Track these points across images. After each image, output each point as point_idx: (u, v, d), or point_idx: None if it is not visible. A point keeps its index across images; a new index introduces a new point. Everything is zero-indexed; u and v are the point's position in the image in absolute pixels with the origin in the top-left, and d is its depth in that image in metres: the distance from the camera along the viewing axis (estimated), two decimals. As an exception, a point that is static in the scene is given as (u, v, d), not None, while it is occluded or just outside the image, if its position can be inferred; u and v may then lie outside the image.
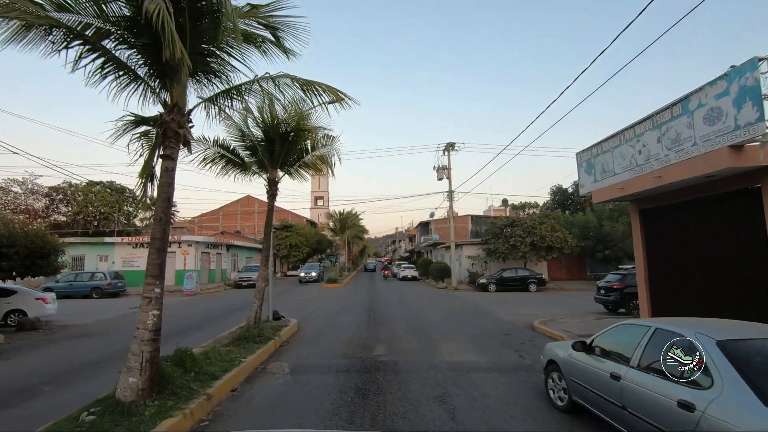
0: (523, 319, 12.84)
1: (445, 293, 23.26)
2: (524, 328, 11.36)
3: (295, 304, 17.70)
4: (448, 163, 27.22)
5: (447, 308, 15.94)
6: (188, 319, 14.15)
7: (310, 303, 18.04)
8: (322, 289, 26.08)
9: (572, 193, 45.40)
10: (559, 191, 57.91)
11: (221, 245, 33.30)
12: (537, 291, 23.54)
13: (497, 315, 13.99)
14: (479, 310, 15.21)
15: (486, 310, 15.37)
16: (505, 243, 25.29)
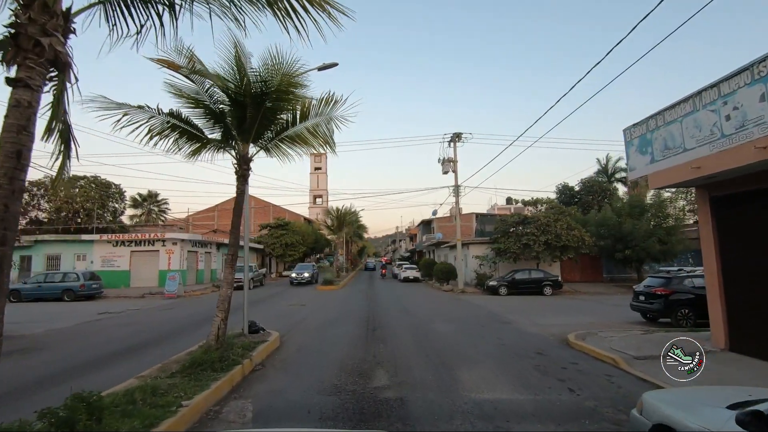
0: (552, 331, 10.74)
1: (451, 297, 21.14)
2: (558, 345, 9.25)
3: (283, 310, 15.58)
4: (455, 155, 25.13)
5: (457, 316, 13.83)
6: (152, 330, 12.03)
7: (300, 309, 15.91)
8: (317, 292, 23.95)
9: (579, 191, 43.32)
10: (565, 189, 55.97)
11: (211, 244, 31.18)
12: (552, 295, 21.43)
13: (519, 325, 11.87)
14: (496, 319, 13.09)
15: (503, 318, 13.25)
16: (517, 242, 23.18)
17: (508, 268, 25.57)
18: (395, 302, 18.29)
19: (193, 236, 28.10)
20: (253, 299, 19.75)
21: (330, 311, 15.14)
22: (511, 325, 12.04)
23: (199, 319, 13.69)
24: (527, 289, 21.61)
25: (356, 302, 18.22)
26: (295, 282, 28.79)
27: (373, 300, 19.30)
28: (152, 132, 6.83)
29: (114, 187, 37.85)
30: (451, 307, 16.76)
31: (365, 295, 22.08)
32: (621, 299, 19.34)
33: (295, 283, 28.68)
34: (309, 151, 8.11)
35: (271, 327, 10.98)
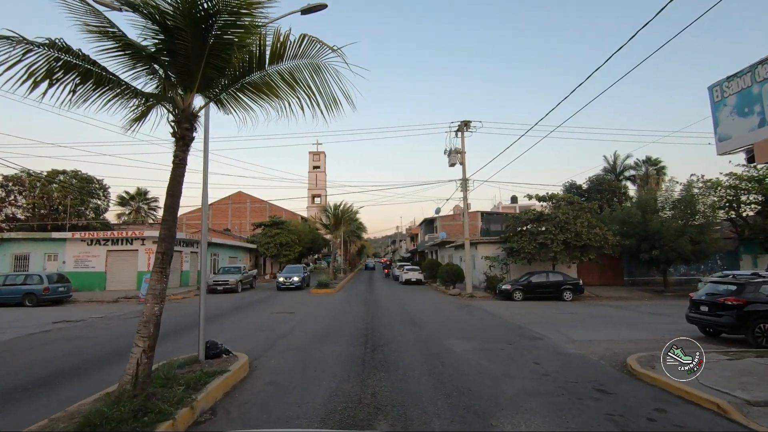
0: (598, 351, 8.46)
1: (460, 303, 18.83)
2: (618, 374, 6.96)
3: (266, 320, 13.24)
4: (462, 145, 22.82)
5: (474, 329, 11.52)
6: (99, 347, 9.71)
7: (286, 318, 13.59)
8: (309, 297, 21.64)
9: (587, 189, 41.13)
10: (572, 187, 53.73)
11: (197, 243, 28.83)
12: (573, 300, 19.14)
13: (553, 342, 9.56)
14: (521, 333, 10.79)
15: (530, 332, 10.94)
16: (532, 241, 20.88)
17: (520, 270, 23.30)
18: (398, 309, 15.98)
19: (178, 235, 25.76)
20: (235, 306, 17.48)
21: (321, 321, 12.82)
22: (542, 341, 9.74)
23: (164, 332, 11.34)
24: (545, 293, 19.32)
25: (353, 310, 15.90)
26: (283, 287, 25.29)
27: (373, 306, 16.99)
28: (33, 74, 4.49)
29: (96, 182, 35.56)
30: (462, 315, 14.44)
31: (364, 300, 19.76)
32: (653, 306, 17.07)
33: (282, 287, 25.27)
34: (282, 105, 5.71)
35: (243, 345, 8.69)
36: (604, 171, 46.26)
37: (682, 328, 10.87)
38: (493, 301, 19.21)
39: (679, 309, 15.98)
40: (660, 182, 44.42)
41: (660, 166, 46.35)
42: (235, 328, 11.69)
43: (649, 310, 15.85)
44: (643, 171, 47.05)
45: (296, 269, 27.32)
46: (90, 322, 13.79)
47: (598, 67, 11.07)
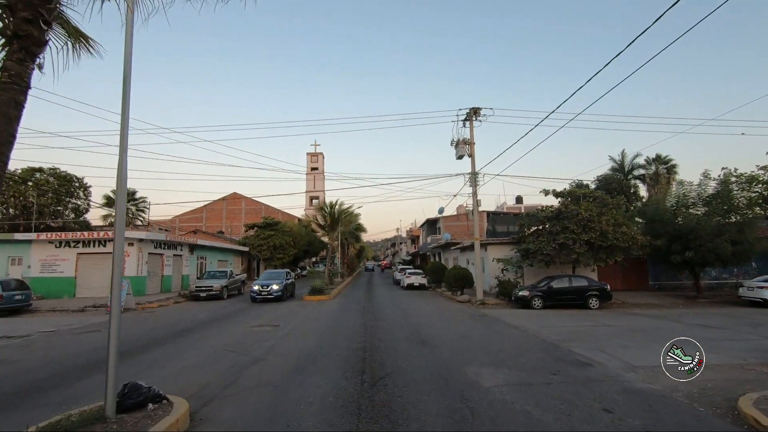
0: (677, 385, 6.15)
1: (473, 312, 16.49)
2: (735, 428, 4.66)
3: (241, 337, 10.87)
4: (471, 135, 20.56)
5: (501, 349, 9.18)
6: (17, 377, 7.36)
7: (265, 336, 11.23)
8: (301, 305, 19.29)
9: (594, 189, 39.14)
10: (579, 188, 51.65)
11: (181, 245, 26.51)
12: (600, 308, 16.83)
13: (609, 371, 7.24)
14: (562, 356, 8.46)
15: (572, 353, 8.61)
16: (551, 241, 18.58)
17: (535, 274, 21.02)
18: (401, 321, 13.64)
19: (155, 235, 23.41)
20: (211, 317, 15.02)
21: (309, 338, 10.47)
22: (594, 369, 7.41)
23: (97, 357, 8.99)
24: (568, 301, 17.02)
25: (349, 321, 13.55)
26: (258, 298, 19.77)
27: (372, 317, 14.64)
28: None
29: (77, 180, 33.25)
30: (479, 329, 12.10)
31: (362, 308, 17.40)
32: (696, 316, 14.75)
33: (258, 299, 19.78)
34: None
35: (195, 380, 6.40)
36: (611, 170, 44.24)
37: (760, 346, 8.58)
38: (509, 310, 16.88)
39: (730, 319, 13.70)
40: (671, 181, 42.37)
41: (671, 165, 44.32)
42: (197, 349, 9.36)
43: (695, 320, 13.54)
44: (653, 170, 44.99)
45: (276, 275, 21.98)
46: (34, 339, 11.46)
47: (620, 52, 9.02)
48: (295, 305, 18.71)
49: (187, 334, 11.36)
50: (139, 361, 8.20)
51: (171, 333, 11.68)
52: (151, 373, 7.22)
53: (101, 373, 7.08)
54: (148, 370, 7.53)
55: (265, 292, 19.93)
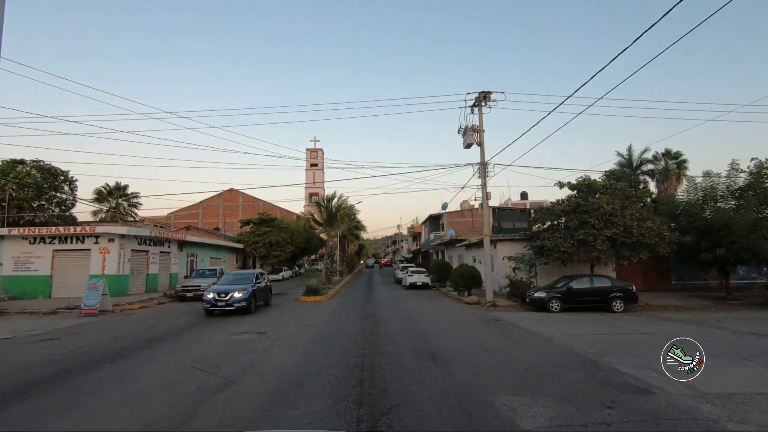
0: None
1: (484, 315, 14.85)
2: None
3: (216, 349, 9.20)
4: (480, 122, 18.87)
5: (529, 367, 7.53)
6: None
7: (246, 347, 9.57)
8: (293, 307, 17.67)
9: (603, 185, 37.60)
10: (586, 184, 49.99)
11: (169, 241, 24.88)
12: (625, 311, 15.21)
13: (678, 401, 5.58)
14: (608, 377, 6.80)
15: (618, 373, 6.96)
16: (568, 237, 16.93)
17: (548, 274, 19.40)
18: (406, 327, 12.00)
19: (137, 230, 21.75)
20: (191, 321, 12.96)
21: (297, 351, 8.82)
22: (656, 396, 5.77)
23: (54, 371, 7.37)
24: (589, 303, 15.40)
25: (346, 328, 11.90)
26: (214, 310, 14.34)
27: (372, 322, 13.01)
28: None
29: (62, 174, 31.57)
30: (497, 338, 10.46)
31: (361, 311, 15.76)
32: (738, 321, 13.09)
33: (213, 310, 14.38)
34: None
35: (142, 413, 4.83)
36: (619, 165, 42.63)
37: None
38: (524, 313, 15.24)
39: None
40: (681, 177, 40.81)
41: (681, 160, 42.68)
42: (160, 365, 7.72)
43: (740, 326, 11.90)
44: (662, 165, 43.38)
45: (242, 278, 16.41)
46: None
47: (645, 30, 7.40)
48: (287, 307, 17.08)
49: (156, 344, 9.72)
50: (82, 383, 6.56)
51: (138, 342, 10.05)
52: (88, 402, 5.60)
53: (21, 403, 5.47)
54: (87, 396, 5.90)
55: (222, 303, 14.31)
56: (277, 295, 22.23)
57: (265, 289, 17.43)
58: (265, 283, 17.50)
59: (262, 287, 16.75)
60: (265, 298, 17.17)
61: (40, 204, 30.35)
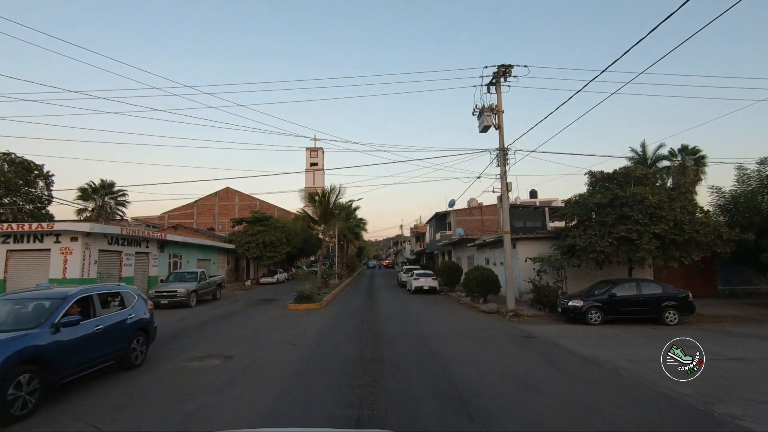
0: None
1: (511, 330, 12.17)
2: None
3: (148, 392, 6.55)
4: (499, 101, 16.27)
5: (612, 423, 4.89)
6: None
7: (192, 388, 6.86)
8: (279, 318, 15.04)
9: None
10: (599, 181, 47.50)
11: (147, 241, 22.28)
12: (679, 324, 12.54)
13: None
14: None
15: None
16: (605, 235, 14.28)
17: (577, 277, 16.79)
18: (419, 350, 9.34)
19: (107, 228, 19.12)
20: None
21: (265, 394, 6.13)
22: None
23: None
24: (636, 313, 12.73)
25: (339, 351, 9.23)
26: None
27: (374, 341, 10.35)
28: None
29: (37, 169, 29.07)
30: (543, 368, 7.77)
31: (359, 324, 13.09)
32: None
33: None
34: None
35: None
36: (632, 162, 40.06)
37: None
38: (557, 327, 12.57)
39: None
40: (699, 173, 38.30)
41: (699, 156, 40.07)
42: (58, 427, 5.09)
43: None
44: (679, 161, 40.74)
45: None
46: None
47: None
48: (272, 317, 14.45)
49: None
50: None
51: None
52: None
53: None
54: None
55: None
56: (265, 303, 19.64)
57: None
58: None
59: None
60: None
61: (12, 201, 27.90)
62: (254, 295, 23.52)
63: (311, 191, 22.60)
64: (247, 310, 16.90)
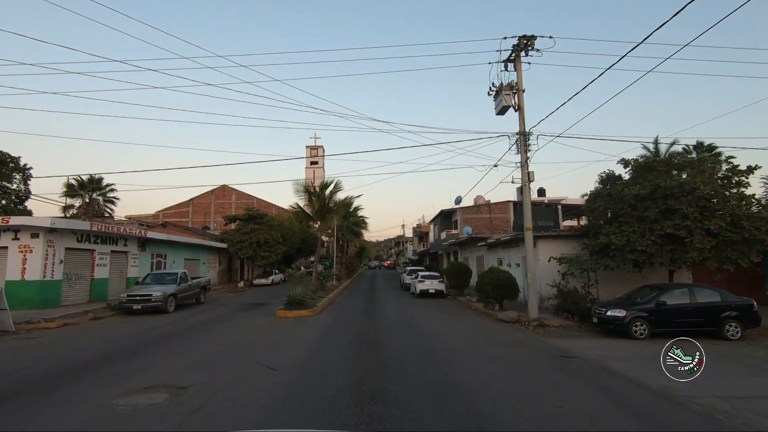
0: None
1: (541, 345, 10.05)
2: None
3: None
4: (519, 78, 14.18)
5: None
6: None
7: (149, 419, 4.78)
8: (264, 329, 12.95)
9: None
10: (610, 178, 45.68)
11: (125, 239, 20.22)
12: (743, 339, 10.43)
13: None
14: None
15: None
16: (647, 232, 12.17)
17: (608, 281, 14.69)
18: (435, 380, 7.23)
19: (71, 223, 17.05)
20: (102, 354, 7.68)
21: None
22: None
23: None
24: (689, 325, 10.59)
25: (329, 382, 7.10)
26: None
27: (376, 365, 8.25)
28: None
29: (10, 160, 27.06)
30: (607, 410, 5.65)
31: (358, 338, 10.98)
32: None
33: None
34: None
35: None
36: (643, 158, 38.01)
37: None
38: (595, 341, 10.44)
39: None
40: (716, 171, 36.24)
41: (715, 153, 37.98)
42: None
43: None
44: (694, 158, 38.68)
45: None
46: None
47: None
48: (255, 327, 12.35)
49: None
50: None
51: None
52: None
53: None
54: None
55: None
56: (253, 308, 17.55)
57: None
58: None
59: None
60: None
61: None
62: (244, 299, 21.43)
63: (306, 185, 20.36)
64: (230, 316, 14.81)
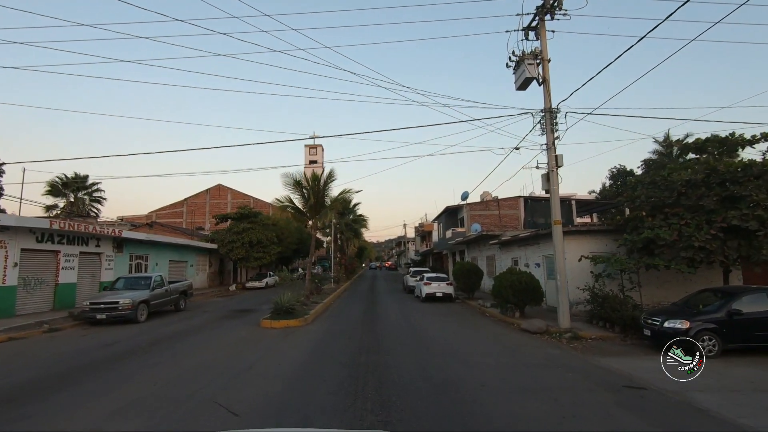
0: None
1: (588, 368, 7.92)
2: None
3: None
4: (544, 47, 12.07)
5: None
6: None
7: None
8: (240, 345, 10.84)
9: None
10: (621, 174, 43.72)
11: (97, 239, 18.15)
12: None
13: None
14: None
15: None
16: (702, 225, 10.07)
17: (646, 283, 12.58)
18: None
19: (26, 221, 14.95)
20: (33, 381, 6.51)
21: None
22: None
23: None
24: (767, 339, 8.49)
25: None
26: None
27: (378, 406, 6.15)
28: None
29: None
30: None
31: (354, 356, 8.85)
32: None
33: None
34: None
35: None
36: (655, 154, 36.01)
37: None
38: (652, 361, 8.30)
39: None
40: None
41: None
42: None
43: None
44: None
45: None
46: None
47: None
48: (233, 342, 10.22)
49: None
50: None
51: None
52: None
53: None
54: None
55: None
56: (238, 315, 15.45)
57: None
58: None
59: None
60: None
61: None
62: (232, 305, 19.33)
63: (295, 176, 18.20)
64: (208, 327, 12.71)
